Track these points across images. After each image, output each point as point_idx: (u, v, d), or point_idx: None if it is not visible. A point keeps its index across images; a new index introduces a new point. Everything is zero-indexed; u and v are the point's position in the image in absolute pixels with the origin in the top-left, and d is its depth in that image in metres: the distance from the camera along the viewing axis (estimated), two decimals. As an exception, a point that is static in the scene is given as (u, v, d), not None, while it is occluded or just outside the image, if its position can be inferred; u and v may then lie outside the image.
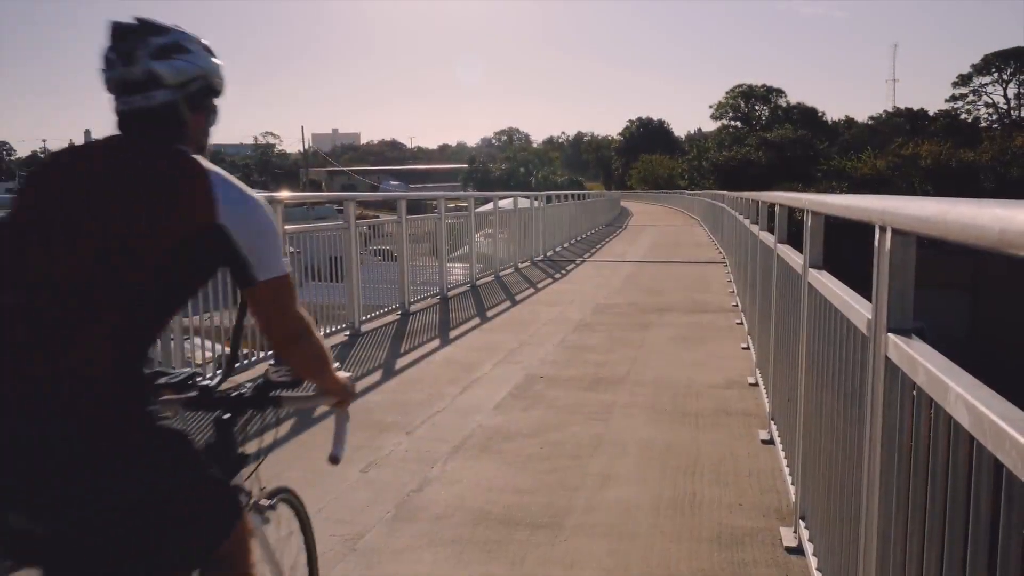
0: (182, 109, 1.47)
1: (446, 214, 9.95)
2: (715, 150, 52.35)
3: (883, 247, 1.58)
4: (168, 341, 4.85)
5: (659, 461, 3.89)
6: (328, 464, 1.77)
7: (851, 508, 1.93)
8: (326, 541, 3.03)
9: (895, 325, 1.55)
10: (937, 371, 1.24)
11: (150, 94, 1.43)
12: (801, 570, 2.77)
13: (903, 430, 1.46)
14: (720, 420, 4.57)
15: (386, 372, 5.88)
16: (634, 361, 6.18)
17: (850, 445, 1.96)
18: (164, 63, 1.44)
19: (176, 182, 1.39)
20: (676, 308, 8.98)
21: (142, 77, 1.42)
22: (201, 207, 1.37)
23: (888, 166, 38.07)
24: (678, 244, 19.24)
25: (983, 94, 62.83)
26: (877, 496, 1.61)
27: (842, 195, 3.02)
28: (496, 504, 3.40)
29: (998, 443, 0.95)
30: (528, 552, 2.95)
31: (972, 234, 0.97)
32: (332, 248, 7.17)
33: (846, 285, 2.22)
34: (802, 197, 3.06)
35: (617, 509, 3.32)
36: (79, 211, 1.35)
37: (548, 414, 4.71)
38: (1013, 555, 0.96)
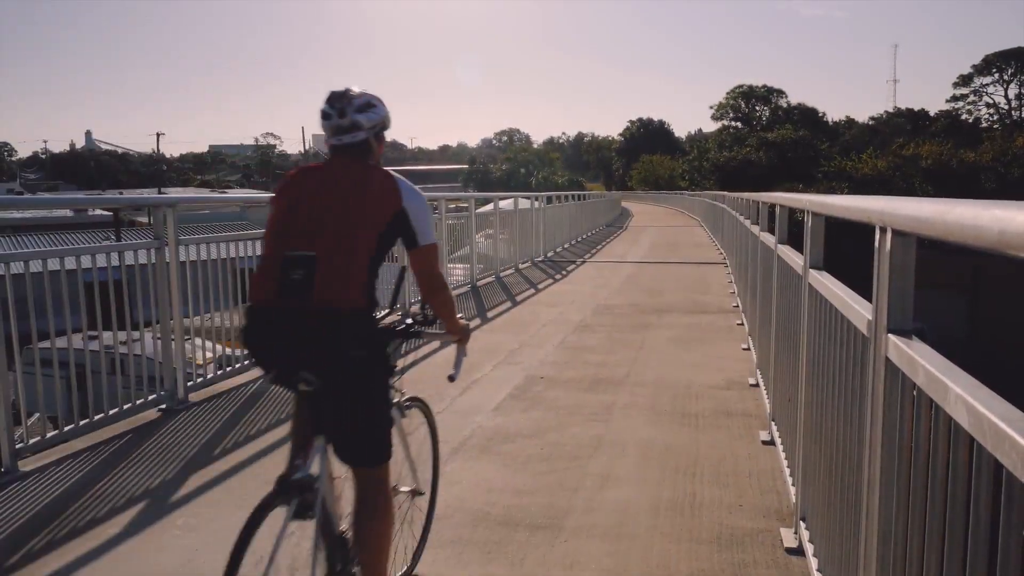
0: (372, 142, 2.28)
1: (447, 215, 9.95)
2: (716, 151, 52.31)
3: (883, 248, 1.58)
4: (169, 342, 4.85)
5: (659, 462, 3.89)
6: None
7: (852, 509, 1.93)
8: (326, 542, 3.02)
9: (895, 326, 1.55)
10: (937, 372, 1.24)
11: (355, 134, 2.24)
12: (802, 571, 2.77)
13: (903, 431, 1.45)
14: (720, 421, 4.57)
15: (386, 373, 5.87)
16: (634, 362, 6.18)
17: (850, 446, 1.96)
18: (363, 115, 2.23)
19: (380, 185, 2.18)
20: (676, 309, 8.98)
21: (349, 125, 2.23)
22: (394, 199, 2.17)
23: (889, 166, 38.04)
24: (678, 245, 19.24)
25: (984, 94, 62.85)
26: (877, 496, 1.61)
27: (842, 196, 3.02)
28: (496, 505, 3.40)
29: (998, 444, 0.95)
30: (528, 553, 2.95)
31: (972, 235, 0.97)
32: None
33: (846, 285, 2.22)
34: (802, 198, 3.06)
35: (617, 510, 3.32)
36: (327, 204, 2.13)
37: (548, 415, 4.71)
38: (1013, 555, 0.96)
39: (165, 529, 3.16)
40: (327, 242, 2.06)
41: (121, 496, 3.49)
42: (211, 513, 3.31)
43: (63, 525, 3.18)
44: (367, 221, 2.11)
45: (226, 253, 5.52)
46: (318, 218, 2.11)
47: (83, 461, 3.92)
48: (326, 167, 2.26)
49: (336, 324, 2.03)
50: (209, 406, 4.90)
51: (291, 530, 2.01)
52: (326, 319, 2.03)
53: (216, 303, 5.36)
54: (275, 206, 2.25)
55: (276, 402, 4.99)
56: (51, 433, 4.09)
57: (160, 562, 2.88)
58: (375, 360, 2.16)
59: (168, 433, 4.37)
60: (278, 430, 4.43)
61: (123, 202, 26.59)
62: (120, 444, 4.17)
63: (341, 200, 2.13)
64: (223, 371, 5.44)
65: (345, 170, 2.21)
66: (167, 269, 4.80)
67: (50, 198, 38.43)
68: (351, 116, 2.23)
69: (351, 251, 2.06)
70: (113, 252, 4.53)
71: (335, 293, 2.03)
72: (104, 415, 4.32)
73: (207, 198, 41.36)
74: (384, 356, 2.22)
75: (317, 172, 2.26)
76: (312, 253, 2.04)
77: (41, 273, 4.02)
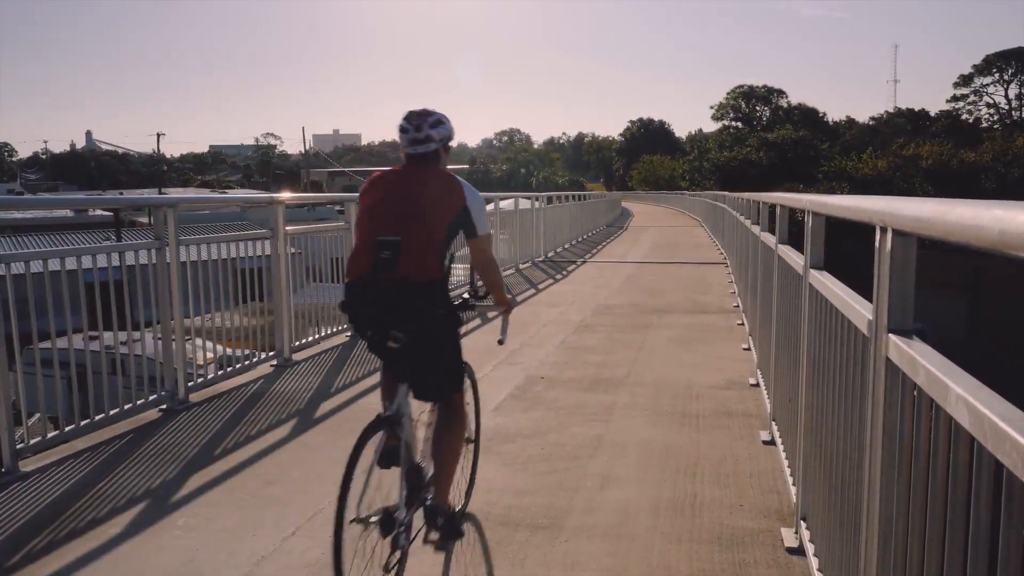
0: (440, 152, 2.82)
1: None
2: (716, 151, 52.30)
3: (884, 248, 1.58)
4: (170, 342, 4.85)
5: (659, 462, 3.89)
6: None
7: (852, 508, 1.93)
8: (327, 542, 3.02)
9: (896, 326, 1.55)
10: (937, 372, 1.24)
11: (427, 145, 2.76)
12: (802, 570, 2.77)
13: (904, 431, 1.45)
14: (721, 421, 4.57)
15: (387, 373, 5.87)
16: (634, 362, 6.18)
17: (851, 446, 1.96)
18: (434, 130, 2.76)
19: (449, 186, 2.72)
20: (677, 309, 8.98)
21: (424, 138, 2.75)
22: (460, 198, 2.71)
23: (889, 167, 38.03)
24: (679, 245, 19.23)
25: (984, 94, 62.83)
26: (878, 496, 1.61)
27: (843, 196, 3.02)
28: (496, 505, 3.40)
29: (998, 444, 0.95)
30: (528, 553, 2.95)
31: (972, 235, 0.97)
32: (333, 249, 7.17)
33: (847, 285, 2.22)
34: (803, 198, 3.06)
35: (617, 510, 3.32)
36: (407, 200, 2.65)
37: (548, 415, 4.71)
38: (1013, 555, 0.96)
39: (166, 529, 3.16)
40: (409, 229, 2.57)
41: (122, 496, 3.49)
42: (211, 513, 3.31)
43: (64, 525, 3.18)
44: (439, 214, 2.66)
45: (226, 253, 5.53)
46: (401, 211, 2.63)
47: (84, 461, 3.92)
48: (404, 171, 2.78)
49: (418, 292, 2.55)
50: (210, 406, 4.90)
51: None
52: (410, 288, 2.54)
53: (216, 303, 5.36)
54: (364, 201, 2.75)
55: (277, 402, 4.99)
56: (52, 433, 4.10)
57: (161, 562, 2.89)
58: (450, 317, 2.70)
59: (168, 433, 4.37)
60: (279, 430, 4.43)
61: (123, 202, 26.60)
62: (121, 444, 4.18)
63: (419, 197, 2.67)
64: (223, 371, 5.44)
65: (420, 174, 2.74)
66: (167, 269, 4.80)
67: (50, 198, 38.46)
68: (426, 131, 2.76)
69: (427, 237, 2.59)
70: (114, 252, 4.53)
71: (415, 268, 2.53)
72: (105, 415, 4.32)
73: (207, 198, 41.35)
74: (457, 315, 2.74)
75: (397, 175, 2.77)
76: (398, 238, 2.54)
77: (42, 273, 4.03)
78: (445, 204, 2.68)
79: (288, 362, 6.01)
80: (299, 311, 6.58)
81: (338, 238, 7.22)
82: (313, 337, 6.63)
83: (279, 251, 5.96)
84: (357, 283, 2.60)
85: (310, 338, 6.58)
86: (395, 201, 2.66)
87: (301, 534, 3.10)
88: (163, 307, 4.82)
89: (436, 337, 2.68)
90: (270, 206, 6.10)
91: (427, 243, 2.58)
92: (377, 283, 2.54)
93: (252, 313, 5.83)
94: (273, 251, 5.96)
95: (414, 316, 2.55)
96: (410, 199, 2.65)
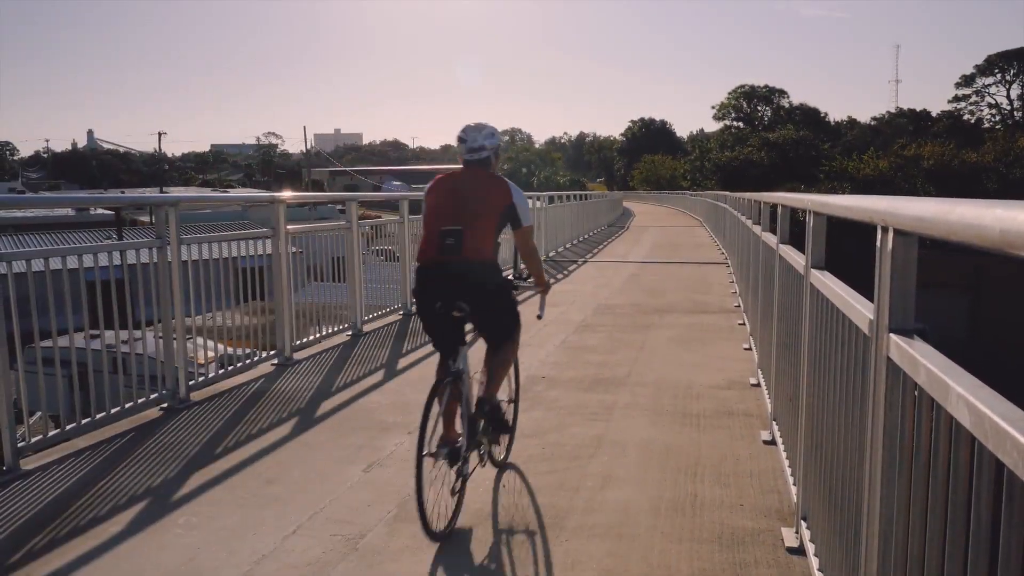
0: (492, 158, 3.44)
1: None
2: (717, 151, 52.27)
3: (885, 247, 1.58)
4: (171, 341, 4.85)
5: (660, 462, 3.89)
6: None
7: (853, 508, 1.93)
8: (327, 541, 3.03)
9: (897, 325, 1.55)
10: (938, 371, 1.24)
11: (481, 153, 3.40)
12: (803, 570, 2.77)
13: (904, 430, 1.45)
14: (721, 421, 4.57)
15: (388, 372, 5.88)
16: (635, 362, 6.17)
17: (852, 445, 1.96)
18: (487, 140, 3.40)
19: (498, 187, 3.33)
20: (678, 309, 8.97)
21: (478, 147, 3.40)
22: (507, 196, 3.30)
23: (891, 167, 37.99)
24: (680, 245, 19.23)
25: (986, 95, 62.75)
26: (878, 496, 1.61)
27: (844, 195, 3.02)
28: (497, 504, 3.40)
29: (999, 443, 0.95)
30: (529, 552, 2.95)
31: (974, 234, 0.97)
32: (334, 248, 7.17)
33: (848, 285, 2.21)
34: (804, 198, 3.06)
35: (618, 510, 3.32)
36: (466, 197, 3.26)
37: (549, 415, 4.71)
38: (1014, 555, 0.96)
39: (167, 528, 3.16)
40: (468, 221, 3.17)
41: (123, 494, 3.49)
42: (212, 512, 3.31)
43: (65, 523, 3.19)
44: (491, 209, 3.26)
45: (228, 252, 5.53)
46: (461, 206, 3.23)
47: (85, 460, 3.92)
48: (462, 174, 3.41)
49: (477, 269, 3.18)
50: (210, 405, 4.90)
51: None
52: (471, 268, 3.16)
53: (218, 302, 5.37)
54: (429, 199, 3.36)
55: (277, 401, 4.99)
56: (53, 432, 4.10)
57: (161, 560, 2.89)
58: (505, 286, 3.42)
59: (169, 432, 4.38)
60: (279, 429, 4.44)
61: (125, 201, 26.61)
62: (122, 443, 4.18)
63: (474, 196, 3.28)
64: (224, 370, 5.45)
65: (476, 177, 3.38)
66: (169, 268, 4.80)
67: (52, 197, 38.47)
68: (480, 142, 3.40)
69: (482, 227, 3.20)
70: (115, 251, 4.54)
71: (474, 252, 3.15)
72: (106, 414, 4.32)
73: (209, 197, 41.42)
74: (507, 284, 3.45)
75: (456, 177, 3.41)
76: (459, 227, 3.15)
77: (43, 272, 4.03)
78: (495, 201, 3.29)
79: (289, 361, 6.01)
80: (300, 310, 6.58)
81: (339, 237, 7.22)
82: (314, 336, 6.63)
83: (280, 250, 5.96)
84: (427, 265, 3.23)
85: (311, 337, 6.58)
86: (456, 199, 3.28)
87: (302, 532, 3.11)
88: (164, 306, 4.82)
89: (493, 301, 3.33)
90: (271, 205, 6.11)
91: (482, 232, 3.19)
92: (444, 264, 3.16)
93: (253, 312, 5.83)
94: (274, 250, 5.96)
95: (475, 288, 3.20)
96: (468, 198, 3.27)
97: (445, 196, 3.30)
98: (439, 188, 3.36)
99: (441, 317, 3.20)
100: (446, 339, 3.31)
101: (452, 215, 3.20)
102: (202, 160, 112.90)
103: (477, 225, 3.18)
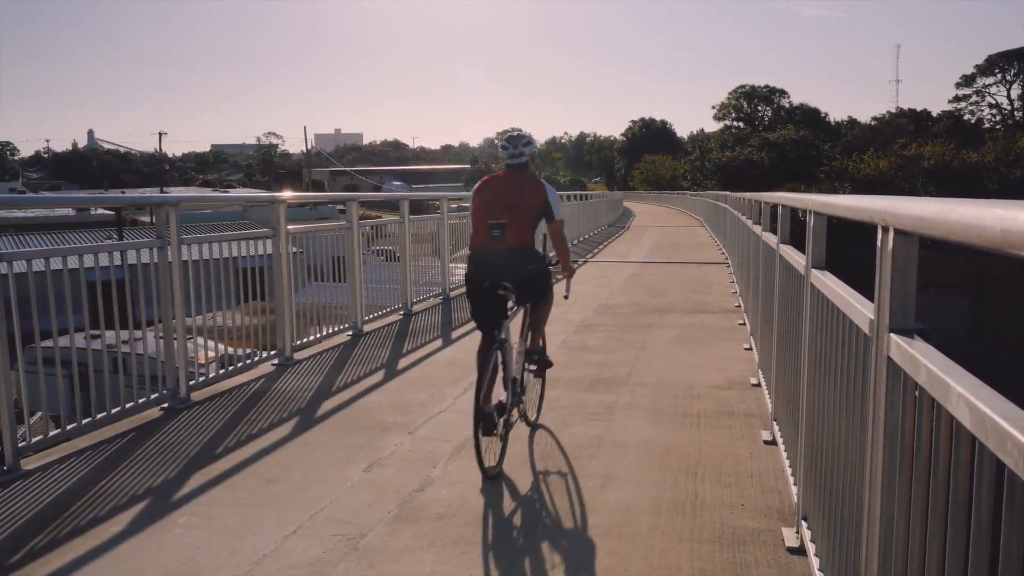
0: (529, 162, 4.08)
1: (449, 214, 9.95)
2: (718, 151, 52.29)
3: (885, 247, 1.58)
4: (171, 341, 4.86)
5: (660, 462, 3.89)
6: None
7: (853, 508, 1.93)
8: (327, 541, 3.03)
9: (897, 325, 1.55)
10: (939, 371, 1.24)
11: (520, 159, 4.05)
12: (803, 570, 2.77)
13: (905, 430, 1.45)
14: (722, 421, 4.57)
15: (388, 372, 5.88)
16: (635, 362, 6.17)
17: (852, 445, 1.96)
18: (527, 147, 4.05)
19: (534, 187, 3.96)
20: (678, 309, 8.97)
21: (518, 154, 4.05)
22: (542, 194, 3.94)
23: (891, 167, 37.98)
24: (680, 245, 19.22)
25: (986, 95, 62.68)
26: (879, 496, 1.61)
27: (845, 195, 3.02)
28: (498, 504, 3.40)
29: (1000, 443, 0.95)
30: (530, 552, 2.95)
31: (974, 234, 0.97)
32: (335, 248, 7.17)
33: (848, 285, 2.21)
34: (804, 197, 3.06)
35: (618, 510, 3.31)
36: (509, 195, 3.91)
37: (549, 414, 4.70)
38: (1015, 555, 0.96)
39: (167, 527, 3.16)
40: (511, 215, 3.85)
41: (123, 494, 3.49)
42: (213, 511, 3.31)
43: (65, 523, 3.19)
44: (529, 205, 3.92)
45: (228, 252, 5.53)
46: (505, 203, 3.90)
47: (85, 459, 3.92)
48: (505, 177, 4.06)
49: (518, 252, 3.86)
50: (211, 405, 4.90)
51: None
52: (513, 253, 3.85)
53: (218, 302, 5.37)
54: (477, 197, 4.00)
55: (278, 402, 4.99)
56: (53, 432, 4.10)
57: (162, 560, 2.89)
58: (541, 262, 4.10)
59: (170, 432, 4.38)
60: (280, 429, 4.44)
61: (125, 201, 26.57)
62: (122, 443, 4.18)
63: (516, 194, 3.94)
64: (225, 370, 5.45)
65: (517, 179, 4.04)
66: (169, 268, 4.81)
67: (52, 196, 38.46)
68: (520, 148, 4.07)
69: (522, 220, 3.88)
70: (115, 251, 4.54)
71: (516, 240, 3.84)
72: (106, 414, 4.32)
73: (209, 197, 41.44)
74: (543, 262, 4.15)
75: (500, 179, 4.07)
76: (504, 221, 3.83)
77: (44, 272, 4.03)
78: (532, 199, 3.95)
79: (289, 361, 6.01)
80: (300, 310, 6.58)
81: (339, 237, 7.22)
82: (314, 336, 6.63)
83: (281, 250, 5.96)
84: (477, 252, 3.92)
85: (311, 337, 6.58)
86: (500, 197, 3.94)
87: (302, 532, 3.11)
88: (165, 306, 4.82)
89: (531, 274, 3.98)
90: (272, 205, 6.11)
91: (522, 224, 3.88)
92: (491, 251, 3.85)
93: (253, 312, 5.84)
94: (275, 250, 5.96)
95: (516, 267, 3.88)
96: (510, 196, 3.94)
97: (491, 195, 3.97)
98: (486, 188, 4.04)
99: (488, 293, 3.86)
100: (492, 313, 3.91)
101: (497, 211, 3.87)
102: (202, 160, 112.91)
103: (518, 218, 3.86)
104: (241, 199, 30.71)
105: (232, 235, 5.69)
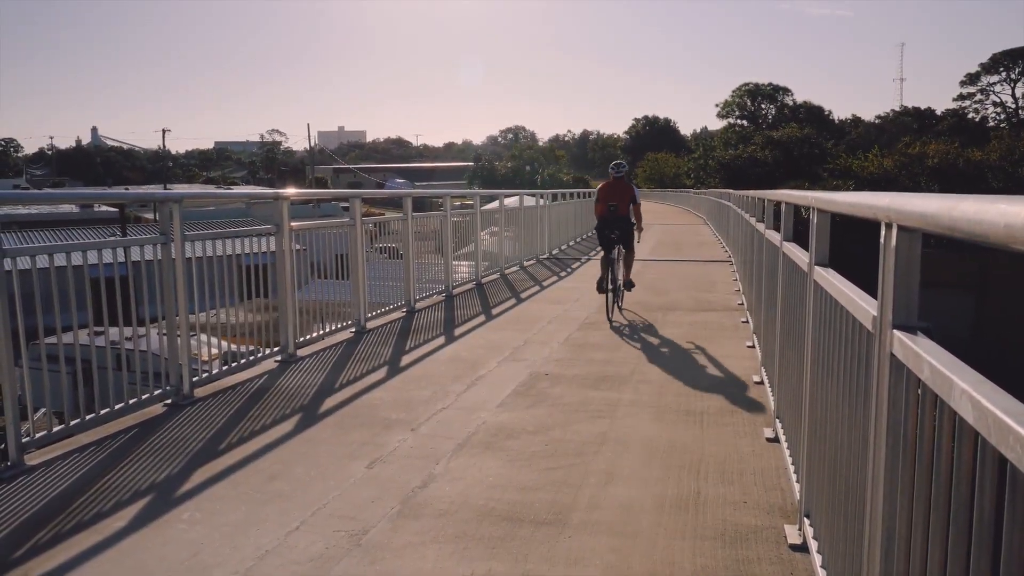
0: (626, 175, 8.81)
1: (452, 212, 9.96)
2: (721, 149, 52.23)
3: (889, 243, 1.58)
4: (175, 337, 4.86)
5: (663, 459, 3.89)
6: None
7: (856, 505, 1.93)
8: (330, 537, 3.04)
9: (900, 322, 1.55)
10: (942, 367, 1.23)
11: (620, 172, 8.72)
12: (806, 567, 2.77)
13: (908, 426, 1.45)
14: (725, 418, 4.56)
15: (391, 369, 5.89)
16: (639, 360, 6.17)
17: (855, 442, 1.96)
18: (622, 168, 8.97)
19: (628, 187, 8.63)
20: (681, 307, 8.97)
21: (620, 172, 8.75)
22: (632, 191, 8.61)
23: (895, 165, 37.83)
24: (683, 243, 19.21)
25: (991, 93, 62.58)
26: (882, 492, 1.61)
27: (848, 192, 3.02)
28: (500, 501, 3.40)
29: (1002, 438, 0.95)
30: (531, 549, 2.96)
31: (978, 230, 0.97)
32: (338, 245, 7.18)
33: (852, 282, 2.21)
34: (808, 195, 3.05)
35: (621, 506, 3.32)
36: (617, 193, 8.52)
37: (552, 412, 4.71)
38: (1017, 550, 0.96)
39: (170, 523, 3.17)
40: (618, 200, 8.32)
41: (126, 490, 3.50)
42: (216, 507, 3.32)
43: (69, 519, 3.20)
44: (625, 196, 8.35)
45: (231, 249, 5.54)
46: (615, 196, 8.35)
47: (89, 455, 3.93)
48: (613, 182, 8.47)
49: (622, 219, 8.32)
50: (214, 401, 4.92)
51: None
52: (619, 219, 8.31)
53: (221, 299, 5.37)
54: (601, 191, 8.55)
55: (281, 398, 5.00)
56: (57, 428, 4.11)
57: (165, 555, 2.90)
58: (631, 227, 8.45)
59: (173, 428, 4.39)
60: (283, 426, 4.44)
61: (129, 198, 26.61)
62: (125, 439, 4.19)
63: (619, 190, 8.37)
64: (228, 367, 5.46)
65: (620, 183, 8.45)
66: (172, 265, 4.81)
67: (56, 193, 38.45)
68: (621, 171, 8.59)
69: (623, 202, 8.32)
70: (119, 248, 4.55)
71: (621, 212, 8.31)
72: (110, 410, 4.33)
73: (213, 194, 41.32)
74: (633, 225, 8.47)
75: (612, 183, 8.45)
76: (615, 203, 8.31)
77: (47, 268, 4.04)
78: (627, 193, 8.34)
79: (292, 358, 6.02)
80: (303, 307, 6.59)
81: (343, 234, 7.22)
82: (317, 333, 6.64)
83: (284, 247, 5.97)
84: (602, 218, 8.36)
85: (314, 334, 6.59)
86: (612, 192, 8.34)
87: (305, 528, 3.11)
88: (168, 302, 4.83)
89: (627, 230, 8.35)
90: (275, 202, 6.11)
91: (623, 204, 8.29)
92: (610, 217, 8.26)
93: (257, 309, 5.84)
94: (278, 247, 5.97)
95: (620, 226, 8.26)
96: (616, 192, 8.33)
97: (608, 190, 8.39)
98: (606, 187, 8.47)
99: (608, 236, 8.24)
100: (610, 244, 8.22)
101: (612, 199, 8.29)
102: (206, 157, 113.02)
103: (621, 202, 8.26)
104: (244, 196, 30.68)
105: (235, 232, 5.70)
